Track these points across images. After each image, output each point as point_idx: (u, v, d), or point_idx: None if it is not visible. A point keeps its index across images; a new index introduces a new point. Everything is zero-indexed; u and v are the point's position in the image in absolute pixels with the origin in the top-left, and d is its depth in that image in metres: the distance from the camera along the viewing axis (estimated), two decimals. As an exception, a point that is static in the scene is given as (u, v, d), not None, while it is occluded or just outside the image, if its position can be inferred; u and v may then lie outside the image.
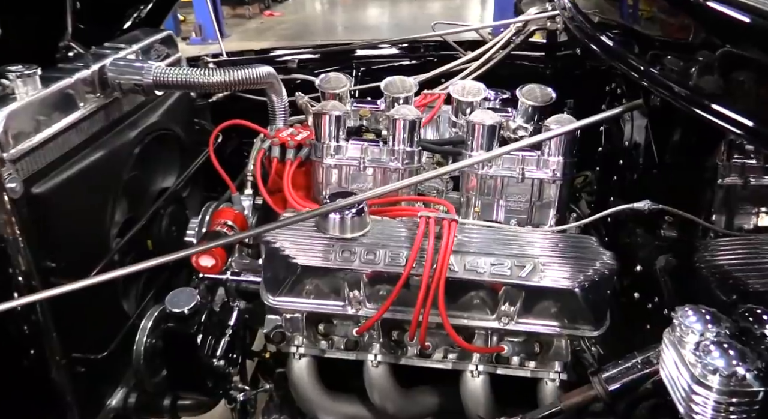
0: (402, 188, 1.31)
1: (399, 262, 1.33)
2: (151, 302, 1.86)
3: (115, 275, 1.17)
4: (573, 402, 1.29)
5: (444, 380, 1.56)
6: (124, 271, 1.18)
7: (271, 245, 1.38)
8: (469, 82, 1.77)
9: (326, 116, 1.55)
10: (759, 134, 0.83)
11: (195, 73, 1.67)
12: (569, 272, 1.30)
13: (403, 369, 1.53)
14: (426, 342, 1.40)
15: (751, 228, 1.24)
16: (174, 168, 2.03)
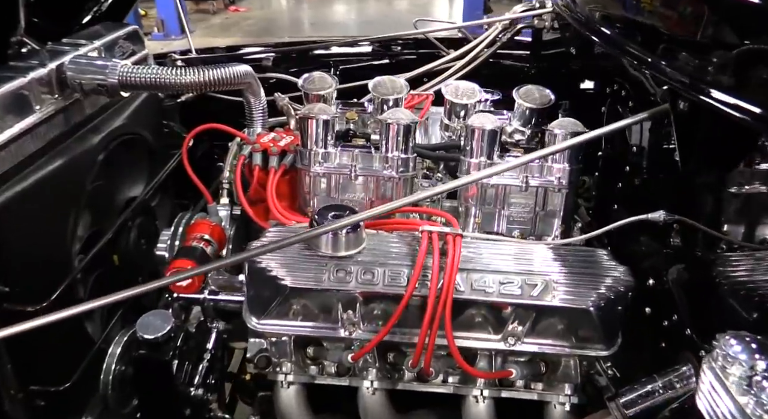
0: (406, 203, 1.18)
1: (400, 282, 1.21)
2: (119, 323, 1.70)
3: (82, 309, 1.02)
4: (588, 430, 1.20)
5: (442, 403, 1.45)
6: (95, 304, 1.03)
7: (255, 264, 1.25)
8: (462, 82, 1.66)
9: (313, 120, 1.42)
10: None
11: (166, 73, 1.51)
12: (583, 291, 1.20)
13: (398, 392, 1.42)
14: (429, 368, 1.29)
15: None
16: (142, 175, 1.86)
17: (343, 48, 2.60)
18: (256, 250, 1.12)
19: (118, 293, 1.02)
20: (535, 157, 1.23)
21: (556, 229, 1.44)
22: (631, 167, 1.46)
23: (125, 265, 1.74)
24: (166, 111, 2.18)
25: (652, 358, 1.31)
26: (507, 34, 2.34)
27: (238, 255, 1.19)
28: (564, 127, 1.41)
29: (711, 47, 0.98)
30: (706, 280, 1.21)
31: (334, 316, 1.32)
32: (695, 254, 1.26)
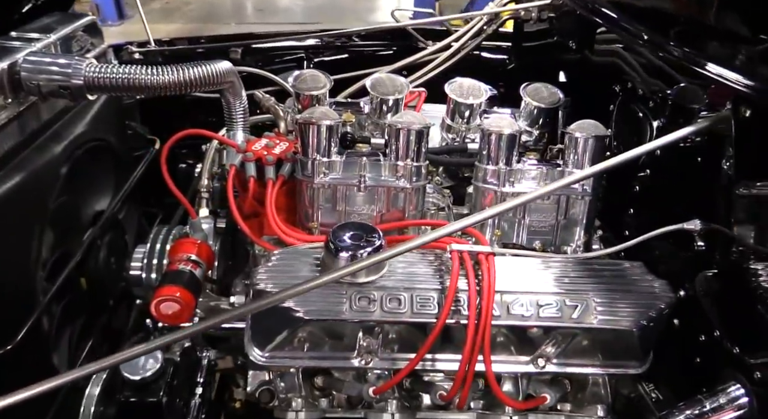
0: (461, 227, 1.05)
1: (429, 309, 1.09)
2: (91, 356, 1.51)
3: (74, 377, 0.85)
4: (629, 456, 1.12)
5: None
6: (86, 370, 0.86)
7: (263, 294, 1.10)
8: (466, 80, 1.54)
9: (315, 126, 1.27)
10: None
11: (140, 73, 1.33)
12: (625, 310, 1.12)
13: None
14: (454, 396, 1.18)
15: None
16: (108, 186, 1.66)
17: (317, 40, 2.43)
18: (283, 293, 0.97)
19: (151, 342, 0.86)
20: (599, 170, 1.10)
21: (578, 238, 1.35)
22: (653, 170, 1.38)
23: (94, 288, 1.55)
24: (127, 110, 1.97)
25: (690, 376, 1.24)
26: (492, 26, 2.24)
27: (259, 302, 1.01)
28: (585, 129, 1.32)
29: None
30: (748, 293, 1.15)
31: (348, 344, 1.19)
32: (734, 265, 1.19)
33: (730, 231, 1.19)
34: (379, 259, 0.98)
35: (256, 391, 1.28)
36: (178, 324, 1.31)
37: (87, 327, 1.53)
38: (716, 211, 1.25)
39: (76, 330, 1.49)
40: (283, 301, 1.06)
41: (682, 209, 1.32)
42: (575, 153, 1.32)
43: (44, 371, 1.34)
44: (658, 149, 1.06)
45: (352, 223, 1.15)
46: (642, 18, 1.41)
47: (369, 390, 1.16)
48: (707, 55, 1.02)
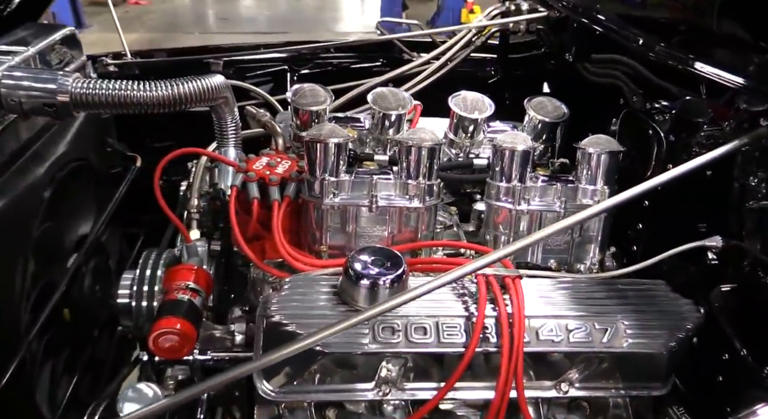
0: (506, 254, 0.99)
1: (457, 338, 1.03)
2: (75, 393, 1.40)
3: None
4: (660, 482, 1.08)
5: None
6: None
7: (279, 327, 1.02)
8: (470, 94, 1.50)
9: (323, 144, 1.21)
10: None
11: (131, 88, 1.25)
12: (655, 333, 1.09)
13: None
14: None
15: None
16: (90, 208, 1.56)
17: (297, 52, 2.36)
18: (315, 337, 0.89)
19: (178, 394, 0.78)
20: (646, 190, 1.06)
21: (593, 256, 1.32)
22: (664, 186, 1.36)
23: (78, 319, 1.44)
24: (104, 125, 1.87)
25: (707, 395, 1.22)
26: (481, 38, 2.22)
27: (291, 347, 0.92)
28: (599, 145, 1.29)
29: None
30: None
31: (365, 375, 1.13)
32: (753, 281, 1.17)
33: (749, 246, 1.17)
34: (414, 295, 0.92)
35: (264, 427, 1.20)
36: (179, 358, 1.22)
37: (71, 362, 1.42)
38: (730, 226, 1.23)
39: (59, 364, 1.38)
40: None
41: (695, 224, 1.30)
42: (588, 168, 1.30)
43: (28, 411, 1.23)
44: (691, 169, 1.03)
45: (371, 247, 1.09)
46: (640, 24, 1.40)
47: (393, 424, 1.10)
48: (712, 61, 1.00)
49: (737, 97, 1.08)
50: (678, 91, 1.31)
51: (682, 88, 1.29)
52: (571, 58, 1.78)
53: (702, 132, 1.24)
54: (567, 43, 1.82)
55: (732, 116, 1.10)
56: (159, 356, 1.21)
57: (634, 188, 1.06)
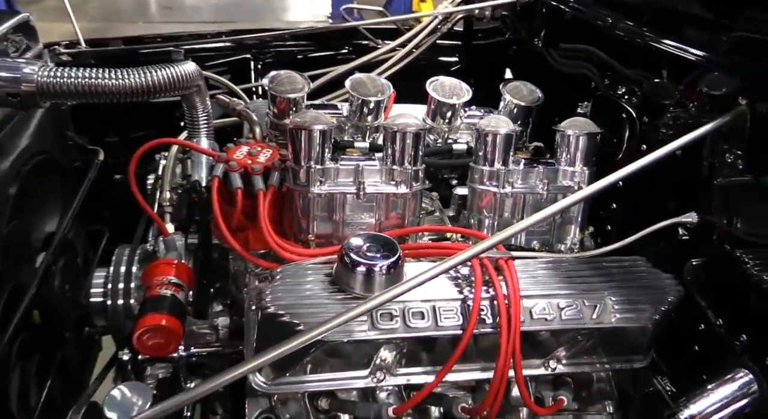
0: (503, 238, 0.98)
1: (454, 321, 1.04)
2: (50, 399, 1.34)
3: None
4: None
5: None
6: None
7: (276, 318, 1.00)
8: (447, 79, 1.50)
9: (307, 132, 1.18)
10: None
11: (101, 76, 1.19)
12: (641, 307, 1.12)
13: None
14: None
15: None
16: (56, 204, 1.49)
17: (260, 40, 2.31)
18: (322, 328, 0.87)
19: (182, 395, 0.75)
20: (633, 171, 1.08)
21: (573, 236, 1.35)
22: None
23: (49, 321, 1.37)
24: (62, 116, 1.78)
25: (686, 364, 1.27)
26: (447, 24, 2.22)
27: (298, 339, 0.89)
28: (577, 127, 1.32)
29: None
30: (741, 280, 1.19)
31: (359, 363, 1.12)
32: (723, 254, 1.23)
33: (720, 222, 1.23)
34: (421, 281, 0.91)
35: (256, 420, 1.18)
36: (165, 356, 1.19)
37: (43, 365, 1.35)
38: (700, 203, 1.28)
39: (31, 369, 1.31)
40: (299, 326, 0.97)
41: (666, 203, 1.35)
42: (568, 151, 1.32)
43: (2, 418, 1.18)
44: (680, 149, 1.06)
45: (365, 234, 1.08)
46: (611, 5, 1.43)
47: (389, 411, 1.09)
48: (681, 39, 1.03)
49: (714, 77, 1.12)
50: (651, 72, 1.35)
51: (655, 70, 1.33)
52: (540, 43, 1.81)
53: (675, 113, 1.29)
54: (536, 28, 1.85)
55: (707, 95, 1.14)
56: (144, 354, 1.17)
57: (623, 169, 1.09)
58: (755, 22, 1.10)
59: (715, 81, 1.12)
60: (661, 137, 1.30)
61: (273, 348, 0.91)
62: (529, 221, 1.02)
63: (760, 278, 1.15)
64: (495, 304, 1.06)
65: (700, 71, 1.15)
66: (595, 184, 1.09)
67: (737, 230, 1.20)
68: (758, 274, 1.16)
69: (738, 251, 1.21)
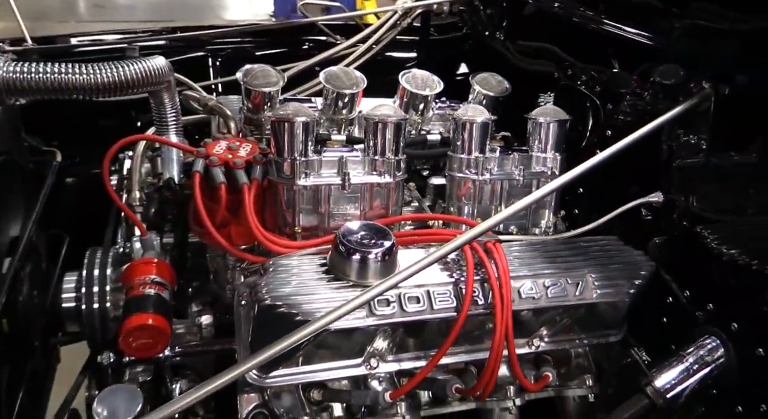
0: (494, 223, 1.02)
1: (449, 303, 1.07)
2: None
3: None
4: (628, 417, 1.19)
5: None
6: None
7: (274, 310, 1.00)
8: (419, 71, 1.53)
9: (290, 124, 1.18)
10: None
11: (71, 72, 1.15)
12: (619, 282, 1.19)
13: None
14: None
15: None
16: (18, 207, 1.42)
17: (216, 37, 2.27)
18: (329, 316, 0.88)
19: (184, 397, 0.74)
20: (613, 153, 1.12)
21: (548, 220, 1.40)
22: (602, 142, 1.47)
23: (18, 330, 1.31)
24: (15, 118, 1.70)
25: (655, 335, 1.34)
26: (407, 19, 2.25)
27: (305, 330, 0.88)
28: (548, 114, 1.37)
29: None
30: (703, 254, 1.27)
31: (351, 352, 1.13)
32: (685, 231, 1.31)
33: (681, 201, 1.31)
34: (420, 267, 0.93)
35: (250, 416, 1.17)
36: (154, 356, 1.16)
37: (15, 377, 1.29)
38: (660, 185, 1.36)
39: (2, 381, 1.25)
40: (298, 316, 0.98)
41: (629, 185, 1.42)
42: (539, 137, 1.37)
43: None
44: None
45: (358, 222, 1.09)
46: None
47: (386, 396, 1.11)
48: (641, 26, 1.10)
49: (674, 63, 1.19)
50: (613, 60, 1.42)
51: (616, 58, 1.40)
52: (502, 35, 1.86)
53: (637, 99, 1.36)
54: (497, 20, 1.90)
55: (668, 81, 1.21)
56: (131, 355, 1.14)
57: (600, 154, 1.15)
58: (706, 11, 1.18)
59: (677, 67, 1.19)
60: (625, 124, 1.37)
61: (278, 342, 0.90)
62: (519, 205, 1.06)
63: (720, 251, 1.24)
64: (485, 286, 1.09)
65: (662, 58, 1.22)
66: (575, 169, 1.14)
67: (697, 208, 1.29)
68: (718, 247, 1.24)
69: (698, 227, 1.29)
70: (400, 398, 1.17)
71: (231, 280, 1.31)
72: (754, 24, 1.03)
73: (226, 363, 1.27)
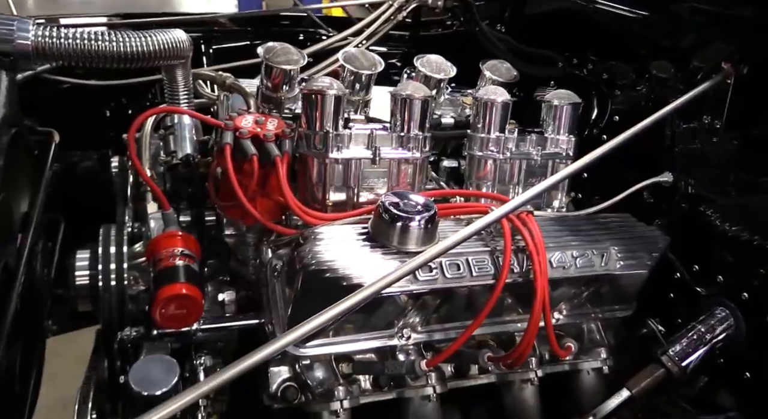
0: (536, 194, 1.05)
1: (487, 271, 1.09)
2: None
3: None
4: (644, 387, 1.24)
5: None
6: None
7: (322, 275, 1.00)
8: (433, 56, 1.56)
9: (323, 96, 1.19)
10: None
11: (101, 38, 1.13)
12: (639, 255, 1.24)
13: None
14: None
15: None
16: (27, 184, 1.37)
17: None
18: (382, 280, 0.89)
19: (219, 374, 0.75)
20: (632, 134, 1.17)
21: (561, 200, 1.45)
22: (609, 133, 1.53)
23: (29, 308, 1.26)
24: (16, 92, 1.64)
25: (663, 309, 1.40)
26: (402, 12, 2.28)
27: (363, 292, 0.89)
28: (562, 98, 1.43)
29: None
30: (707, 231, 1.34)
31: (382, 324, 1.15)
32: (688, 210, 1.38)
33: (690, 181, 1.38)
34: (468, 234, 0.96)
35: (280, 389, 1.16)
36: (187, 327, 1.14)
37: (29, 356, 1.24)
38: (663, 168, 1.44)
39: (16, 359, 1.20)
40: (352, 279, 0.99)
41: (634, 168, 1.49)
42: (554, 120, 1.42)
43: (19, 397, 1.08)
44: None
45: (398, 192, 1.11)
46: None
47: (422, 364, 1.12)
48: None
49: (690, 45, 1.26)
50: (621, 44, 1.48)
51: (625, 42, 1.46)
52: (504, 28, 1.92)
53: (646, 84, 1.43)
54: (496, 14, 1.95)
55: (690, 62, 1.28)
56: (164, 327, 1.12)
57: (618, 136, 1.20)
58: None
59: (694, 48, 1.26)
60: (636, 108, 1.44)
61: (326, 310, 0.90)
62: (552, 180, 1.11)
63: (724, 227, 1.31)
64: (519, 256, 1.13)
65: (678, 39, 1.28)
66: (599, 148, 1.19)
67: (706, 187, 1.36)
68: (721, 224, 1.32)
69: (701, 207, 1.37)
70: (430, 369, 1.19)
71: (253, 257, 1.30)
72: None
73: (247, 340, 1.27)
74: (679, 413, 1.34)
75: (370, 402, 1.21)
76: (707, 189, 1.36)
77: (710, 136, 1.29)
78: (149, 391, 1.01)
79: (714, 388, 1.33)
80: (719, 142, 1.27)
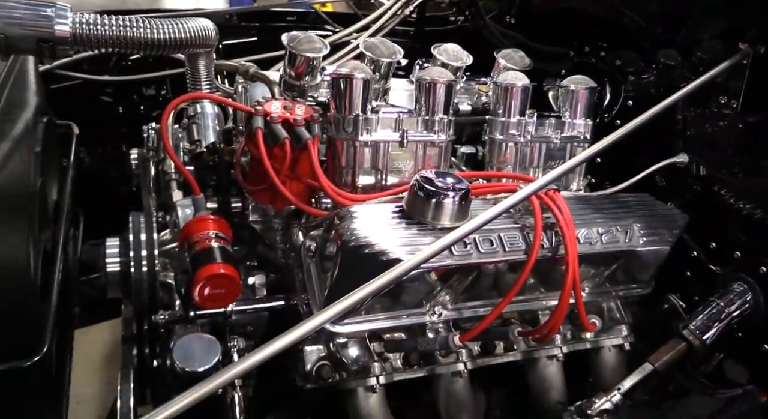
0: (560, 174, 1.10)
1: (519, 247, 1.13)
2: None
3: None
4: (667, 361, 1.28)
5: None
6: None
7: (362, 249, 1.03)
8: (450, 45, 1.58)
9: (352, 80, 1.22)
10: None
11: (136, 26, 1.15)
12: (661, 232, 1.28)
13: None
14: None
15: None
16: (56, 172, 1.38)
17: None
18: (418, 257, 0.93)
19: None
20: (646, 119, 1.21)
21: (579, 182, 1.48)
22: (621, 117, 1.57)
23: (64, 295, 1.27)
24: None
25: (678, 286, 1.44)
26: (409, 7, 2.31)
27: (398, 268, 0.94)
28: (578, 82, 1.46)
29: None
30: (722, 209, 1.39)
31: (413, 302, 1.18)
32: (701, 191, 1.42)
33: (699, 162, 1.43)
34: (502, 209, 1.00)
35: (314, 368, 1.18)
36: (225, 306, 1.16)
37: (63, 343, 1.25)
38: (675, 152, 1.48)
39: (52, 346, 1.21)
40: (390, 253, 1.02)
41: (646, 153, 1.53)
42: (571, 104, 1.46)
43: (59, 385, 1.09)
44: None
45: (432, 170, 1.14)
46: None
47: (455, 339, 1.15)
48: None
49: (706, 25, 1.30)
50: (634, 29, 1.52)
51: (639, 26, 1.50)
52: (513, 20, 1.96)
53: (660, 68, 1.47)
54: (504, 7, 1.99)
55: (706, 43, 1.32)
56: (205, 307, 1.14)
57: (635, 119, 1.24)
58: None
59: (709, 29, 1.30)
60: (651, 91, 1.48)
61: (366, 285, 0.93)
62: (576, 160, 1.15)
63: (738, 206, 1.36)
64: (548, 232, 1.16)
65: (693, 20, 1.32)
66: (619, 130, 1.23)
67: (714, 170, 1.40)
68: (736, 203, 1.36)
69: (715, 187, 1.41)
70: (461, 346, 1.22)
71: (282, 241, 1.32)
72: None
73: (276, 323, 1.29)
74: (699, 387, 1.38)
75: (401, 380, 1.24)
76: (721, 170, 1.40)
77: (725, 116, 1.33)
78: (192, 367, 1.03)
79: (730, 363, 1.37)
80: (735, 122, 1.31)
